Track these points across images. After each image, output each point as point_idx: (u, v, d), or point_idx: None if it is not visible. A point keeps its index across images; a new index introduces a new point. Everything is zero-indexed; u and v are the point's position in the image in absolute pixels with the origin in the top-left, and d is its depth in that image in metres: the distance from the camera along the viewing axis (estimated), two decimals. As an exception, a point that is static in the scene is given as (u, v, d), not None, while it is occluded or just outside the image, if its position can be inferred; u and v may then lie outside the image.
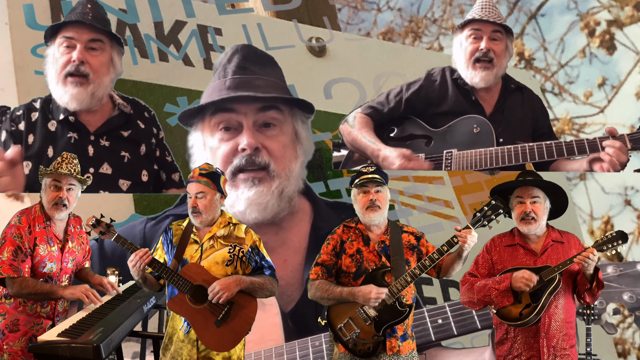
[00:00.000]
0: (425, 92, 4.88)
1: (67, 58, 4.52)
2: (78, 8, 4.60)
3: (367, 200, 3.11)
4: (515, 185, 3.19)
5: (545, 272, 3.03)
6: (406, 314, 3.02)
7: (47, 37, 4.64)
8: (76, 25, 4.55)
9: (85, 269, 3.49)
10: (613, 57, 6.47)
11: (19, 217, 3.18)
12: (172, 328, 3.03)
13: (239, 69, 4.95)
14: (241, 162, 4.78)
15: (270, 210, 4.83)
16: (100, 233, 3.03)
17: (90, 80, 4.54)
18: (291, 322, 4.85)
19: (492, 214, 3.00)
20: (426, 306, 4.95)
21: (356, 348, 3.02)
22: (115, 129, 4.69)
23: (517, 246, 3.18)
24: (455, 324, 4.57)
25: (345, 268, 3.12)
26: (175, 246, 3.07)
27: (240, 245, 3.08)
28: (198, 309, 2.95)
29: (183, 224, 3.15)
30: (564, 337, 3.07)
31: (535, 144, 4.67)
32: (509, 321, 3.08)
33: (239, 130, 4.87)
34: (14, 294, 3.12)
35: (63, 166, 3.20)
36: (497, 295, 3.05)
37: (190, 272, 2.97)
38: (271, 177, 4.82)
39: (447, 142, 4.80)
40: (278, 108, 4.92)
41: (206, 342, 2.93)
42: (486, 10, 4.78)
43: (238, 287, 2.96)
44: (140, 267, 2.92)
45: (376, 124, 4.89)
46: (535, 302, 3.02)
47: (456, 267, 3.09)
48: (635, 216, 6.27)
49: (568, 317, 3.11)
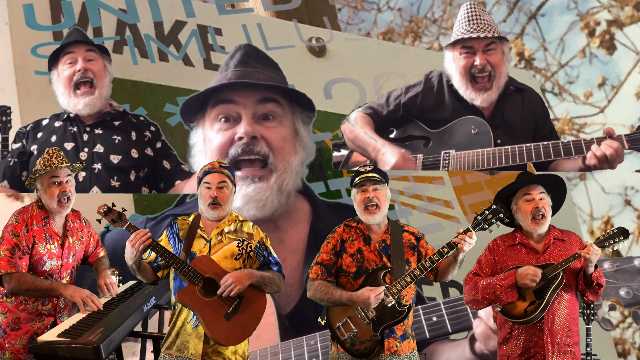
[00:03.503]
0: (422, 99, 4.86)
1: (72, 70, 5.00)
2: (70, 37, 5.13)
3: (365, 198, 3.10)
4: (518, 186, 3.20)
5: (549, 269, 3.04)
6: (404, 314, 3.02)
7: (50, 63, 5.05)
8: (72, 45, 5.05)
9: (99, 260, 3.48)
10: (613, 57, 6.47)
11: (16, 216, 3.17)
12: (180, 322, 3.00)
13: (240, 63, 4.99)
14: (237, 152, 4.77)
15: (269, 207, 4.83)
16: (112, 221, 2.99)
17: (95, 85, 5.00)
18: (291, 322, 4.84)
19: (492, 217, 2.99)
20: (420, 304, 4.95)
21: (353, 348, 3.02)
22: (108, 121, 5.02)
23: (519, 245, 3.20)
24: (450, 322, 4.57)
25: (345, 267, 3.11)
26: (182, 240, 3.05)
27: (248, 240, 3.08)
28: (208, 301, 2.93)
29: (189, 219, 3.13)
30: (568, 333, 3.09)
31: (533, 145, 4.65)
32: (513, 319, 3.09)
33: (238, 120, 4.89)
34: (12, 290, 3.09)
35: (54, 161, 3.17)
36: (501, 292, 3.06)
37: (201, 265, 2.95)
38: (269, 171, 4.81)
39: (445, 142, 4.80)
40: (277, 102, 4.93)
41: (215, 335, 2.89)
42: (474, 23, 4.59)
43: (250, 280, 2.95)
44: (139, 248, 2.87)
45: (376, 125, 4.90)
46: (539, 299, 3.03)
47: (452, 271, 3.09)
48: (635, 216, 6.27)
49: (571, 313, 3.13)
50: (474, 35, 4.54)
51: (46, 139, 4.90)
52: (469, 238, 2.93)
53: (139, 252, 2.90)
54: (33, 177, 3.21)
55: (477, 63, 4.63)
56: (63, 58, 5.01)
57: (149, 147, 5.03)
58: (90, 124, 4.98)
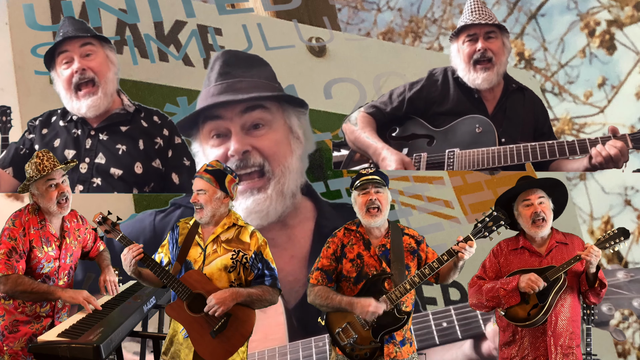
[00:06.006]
0: (428, 92, 4.90)
1: (70, 72, 4.73)
2: (60, 30, 4.81)
3: (367, 201, 3.08)
4: (517, 191, 3.21)
5: (551, 272, 3.05)
6: (404, 321, 3.02)
7: (47, 63, 4.81)
8: (65, 41, 4.75)
9: (100, 255, 3.47)
10: (613, 57, 6.47)
11: (12, 220, 3.15)
12: (173, 330, 3.02)
13: (220, 75, 4.99)
14: (232, 167, 4.77)
15: (272, 214, 4.84)
16: (106, 232, 2.99)
17: (98, 83, 4.73)
18: (296, 317, 4.85)
19: (493, 224, 2.97)
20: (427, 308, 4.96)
21: (353, 353, 3.02)
22: (116, 124, 4.79)
23: (522, 249, 3.21)
24: (459, 328, 4.58)
25: (345, 273, 3.11)
26: (179, 247, 3.05)
27: (244, 250, 3.04)
28: (195, 317, 2.94)
29: (190, 222, 3.12)
30: (571, 335, 3.10)
31: (537, 144, 4.68)
32: (517, 322, 3.11)
33: (229, 136, 4.91)
34: (7, 292, 3.07)
35: (46, 164, 3.14)
36: (505, 295, 3.07)
37: (192, 280, 2.95)
38: (267, 180, 4.83)
39: (449, 141, 4.80)
40: (263, 107, 4.93)
41: (201, 351, 2.92)
42: (476, 13, 4.82)
43: (234, 301, 2.95)
44: (131, 263, 2.90)
45: (379, 124, 4.89)
46: (542, 302, 3.04)
47: (453, 275, 3.09)
48: (635, 216, 6.27)
49: (574, 315, 3.14)
50: (476, 22, 4.77)
51: (49, 142, 4.74)
52: (469, 247, 2.93)
53: (133, 266, 2.92)
54: (27, 183, 3.17)
55: (479, 47, 4.80)
56: (58, 58, 4.76)
57: (157, 159, 4.80)
58: (95, 128, 4.76)
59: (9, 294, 3.10)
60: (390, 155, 4.71)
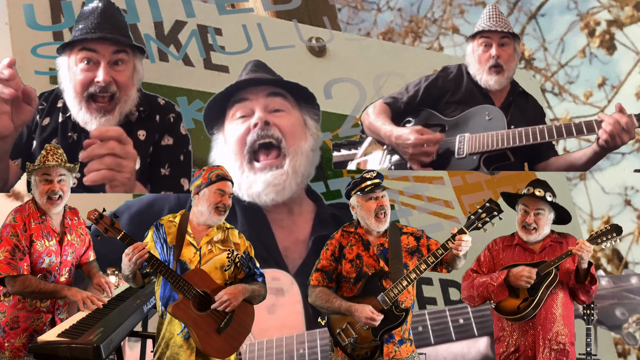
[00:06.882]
0: (443, 80, 5.21)
1: (90, 77, 4.30)
2: (94, 14, 4.29)
3: (378, 206, 3.10)
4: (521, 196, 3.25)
5: (542, 267, 3.10)
6: (402, 318, 3.02)
7: (62, 48, 4.41)
8: (96, 41, 4.28)
9: (90, 264, 3.46)
10: (613, 57, 6.47)
11: (13, 215, 3.15)
12: (169, 332, 3.00)
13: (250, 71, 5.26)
14: (254, 137, 5.02)
15: (287, 190, 5.04)
16: (105, 230, 2.91)
17: (117, 100, 4.33)
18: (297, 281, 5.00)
19: (486, 216, 2.96)
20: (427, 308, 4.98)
21: (354, 353, 3.03)
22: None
23: (517, 246, 3.27)
24: (476, 325, 4.67)
25: (345, 273, 3.12)
26: (171, 247, 3.01)
27: (237, 250, 3.10)
28: (201, 315, 2.95)
29: (175, 220, 3.08)
30: (562, 331, 3.11)
31: (545, 126, 4.93)
32: (507, 315, 3.15)
33: (252, 115, 5.10)
34: (16, 293, 3.09)
35: (49, 158, 3.15)
36: (494, 290, 3.13)
37: (195, 278, 2.96)
38: (283, 156, 5.06)
39: (460, 129, 5.04)
40: (284, 96, 5.19)
41: (207, 349, 2.93)
42: (494, 20, 5.13)
43: (244, 296, 3.01)
44: (137, 262, 2.84)
45: (394, 113, 5.15)
46: (532, 296, 3.07)
47: (459, 262, 3.08)
48: (635, 216, 6.27)
49: (565, 311, 3.16)
50: (492, 29, 5.08)
51: (46, 139, 4.51)
52: (464, 240, 2.92)
53: (137, 266, 2.88)
54: (29, 170, 3.20)
55: (493, 54, 5.08)
56: (80, 54, 4.23)
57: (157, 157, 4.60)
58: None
59: (17, 294, 3.12)
60: (403, 130, 4.98)
